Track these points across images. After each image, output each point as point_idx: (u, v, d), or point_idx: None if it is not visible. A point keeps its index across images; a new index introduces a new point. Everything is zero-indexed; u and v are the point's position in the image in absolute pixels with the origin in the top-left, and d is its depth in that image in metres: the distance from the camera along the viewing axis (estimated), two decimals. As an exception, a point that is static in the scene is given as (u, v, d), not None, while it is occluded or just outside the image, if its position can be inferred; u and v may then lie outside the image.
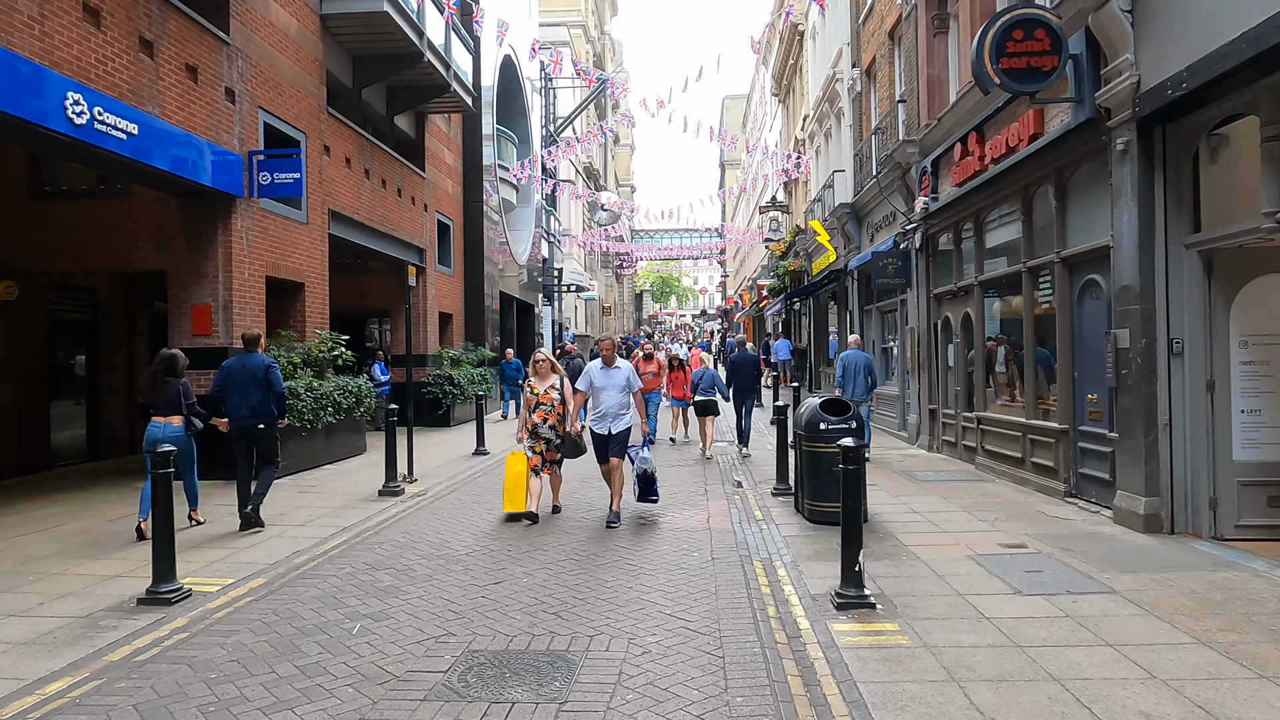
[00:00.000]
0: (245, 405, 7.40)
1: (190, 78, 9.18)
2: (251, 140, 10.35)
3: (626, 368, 7.56)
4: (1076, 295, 7.75)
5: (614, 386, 7.44)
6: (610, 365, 7.50)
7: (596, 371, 7.50)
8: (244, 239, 10.15)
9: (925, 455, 11.50)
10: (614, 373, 7.49)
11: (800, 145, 24.62)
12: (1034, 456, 8.52)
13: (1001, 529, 6.77)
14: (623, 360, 7.64)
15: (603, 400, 7.43)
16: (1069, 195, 7.87)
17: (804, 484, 7.35)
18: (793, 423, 8.05)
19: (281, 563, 6.12)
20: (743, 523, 7.35)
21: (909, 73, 12.90)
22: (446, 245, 18.67)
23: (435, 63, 14.51)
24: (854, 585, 4.82)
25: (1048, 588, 5.07)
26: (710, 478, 10.07)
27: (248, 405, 7.39)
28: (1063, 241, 7.93)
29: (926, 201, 11.45)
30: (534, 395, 7.61)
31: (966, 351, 10.77)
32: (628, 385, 7.50)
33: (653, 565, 5.94)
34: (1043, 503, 7.81)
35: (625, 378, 7.50)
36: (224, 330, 9.92)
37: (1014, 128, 8.47)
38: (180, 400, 7.02)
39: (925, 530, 6.79)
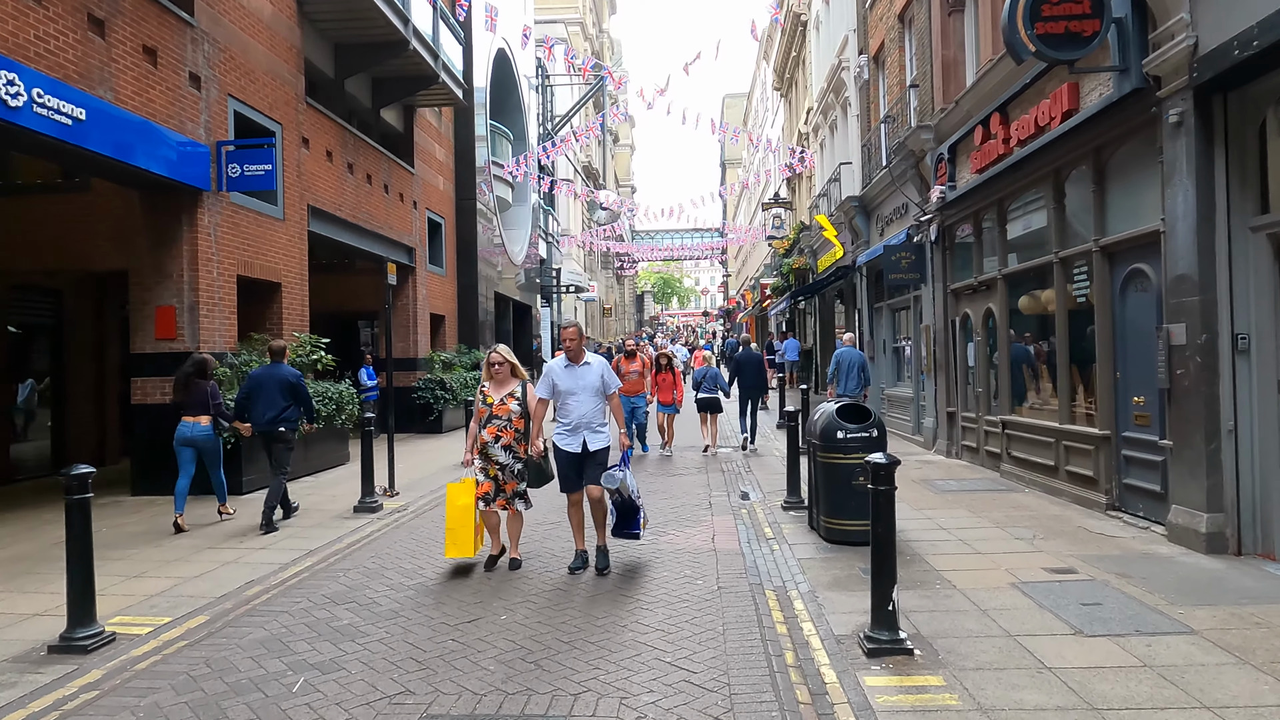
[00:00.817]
0: (269, 412, 7.73)
1: (149, 60, 8.48)
2: (220, 130, 9.64)
3: (599, 365, 5.90)
4: (1118, 287, 7.02)
5: (584, 389, 5.80)
6: (577, 362, 5.85)
7: (559, 371, 5.85)
8: (212, 236, 9.45)
9: (944, 462, 10.76)
10: (582, 371, 5.83)
11: (804, 139, 23.90)
12: (1069, 465, 7.78)
13: (1043, 549, 6.03)
14: (594, 356, 5.99)
15: (571, 408, 5.79)
16: (1109, 177, 7.14)
17: (819, 498, 6.62)
18: (805, 429, 7.32)
19: (230, 595, 5.40)
20: (752, 542, 6.62)
21: (921, 56, 12.18)
22: (438, 244, 17.97)
23: (422, 51, 13.81)
24: (887, 627, 4.09)
25: (1113, 626, 4.33)
26: (715, 487, 9.34)
27: (272, 412, 7.73)
28: (1101, 229, 7.20)
29: (943, 190, 10.72)
30: (487, 405, 5.93)
31: (989, 350, 10.03)
32: (602, 387, 5.87)
33: (651, 597, 5.21)
34: (1082, 516, 7.07)
35: (598, 377, 5.84)
36: (190, 334, 9.21)
37: (1044, 105, 7.74)
38: (209, 401, 7.60)
39: (957, 551, 6.05)
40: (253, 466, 9.28)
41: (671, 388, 12.36)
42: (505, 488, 5.95)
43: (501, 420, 5.92)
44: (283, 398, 7.72)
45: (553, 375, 5.86)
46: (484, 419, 5.93)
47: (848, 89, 17.35)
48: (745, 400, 12.85)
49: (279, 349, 8.06)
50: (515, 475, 5.94)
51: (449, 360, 17.10)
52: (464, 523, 5.76)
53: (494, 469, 5.91)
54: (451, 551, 5.77)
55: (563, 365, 5.88)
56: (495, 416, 5.92)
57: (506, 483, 5.95)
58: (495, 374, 6.01)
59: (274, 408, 7.69)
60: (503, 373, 6.03)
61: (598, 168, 46.48)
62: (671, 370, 12.49)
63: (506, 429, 5.91)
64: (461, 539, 5.76)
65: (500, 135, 22.50)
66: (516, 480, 5.95)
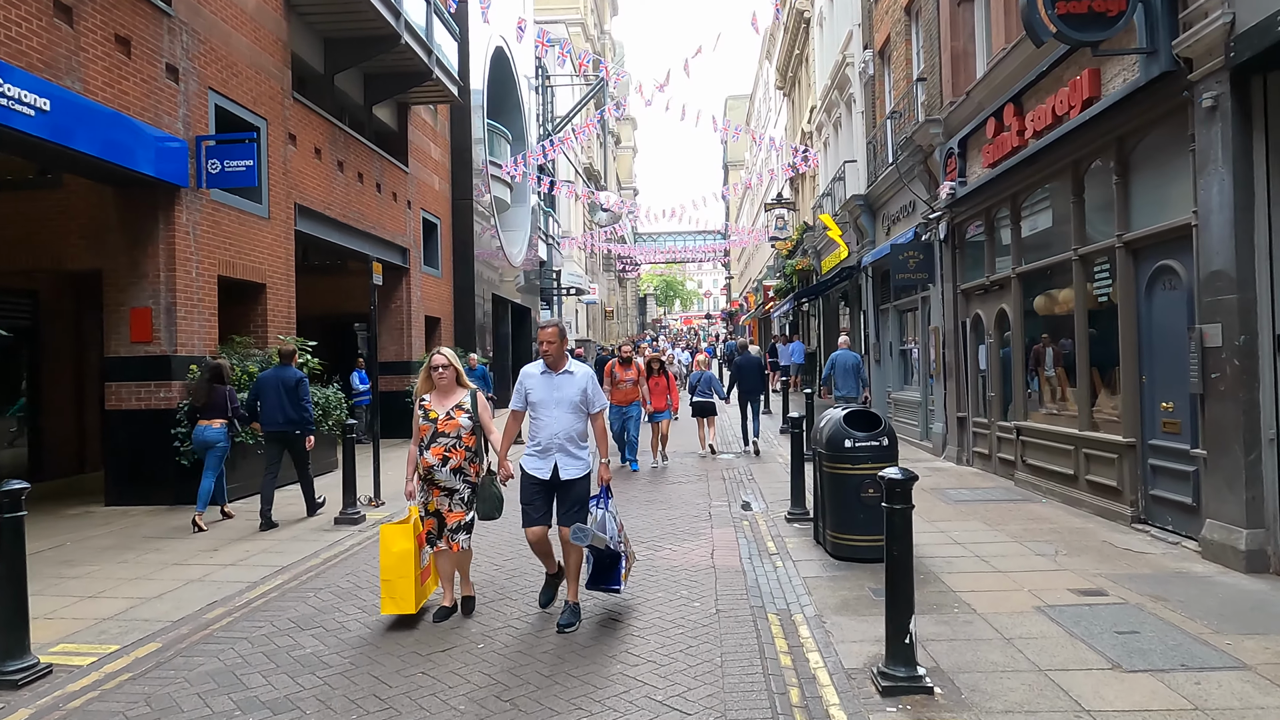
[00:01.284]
0: (280, 413, 7.91)
1: (121, 50, 8.09)
2: (200, 125, 9.25)
3: (583, 375, 4.84)
4: (1144, 285, 6.59)
5: (561, 403, 4.73)
6: (556, 369, 4.82)
7: (534, 378, 4.84)
8: (190, 234, 9.05)
9: (955, 469, 10.32)
10: (562, 381, 4.79)
11: (807, 138, 23.49)
12: (1090, 474, 7.34)
13: (1067, 566, 5.60)
14: (578, 364, 4.93)
15: (543, 424, 4.74)
16: (1133, 168, 6.71)
17: (825, 511, 6.20)
18: (811, 436, 6.89)
19: (189, 619, 4.98)
20: (754, 558, 6.20)
21: (928, 48, 11.77)
22: (434, 245, 17.58)
23: (414, 46, 13.42)
24: (903, 662, 3.66)
25: (1155, 660, 3.90)
26: (715, 496, 8.92)
27: (282, 414, 7.90)
28: (1125, 223, 6.77)
29: (953, 187, 10.29)
30: (430, 421, 4.86)
31: (1001, 353, 9.60)
32: (583, 402, 4.79)
33: (643, 622, 4.79)
34: (1106, 529, 6.64)
35: (580, 390, 4.78)
36: (167, 337, 8.82)
37: (1062, 94, 7.32)
38: (226, 405, 7.86)
39: (975, 569, 5.62)
40: (232, 474, 8.86)
41: (665, 393, 11.45)
42: (449, 518, 4.87)
43: (449, 439, 4.83)
44: (290, 398, 7.94)
45: (525, 383, 4.85)
46: (426, 438, 4.82)
47: (852, 85, 16.94)
48: (744, 404, 12.79)
49: (288, 352, 8.30)
50: (466, 503, 4.91)
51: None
52: (403, 572, 4.74)
53: (435, 501, 4.86)
54: (388, 607, 4.78)
55: (539, 371, 4.84)
56: (441, 434, 4.82)
57: (451, 512, 4.88)
58: (439, 381, 4.91)
59: (283, 409, 7.88)
60: (448, 379, 4.92)
61: (599, 169, 46.12)
62: (665, 375, 11.61)
63: (456, 448, 4.84)
64: (401, 591, 4.75)
65: (498, 135, 22.13)
66: (464, 509, 4.91)
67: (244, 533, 7.46)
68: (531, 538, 4.80)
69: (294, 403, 7.89)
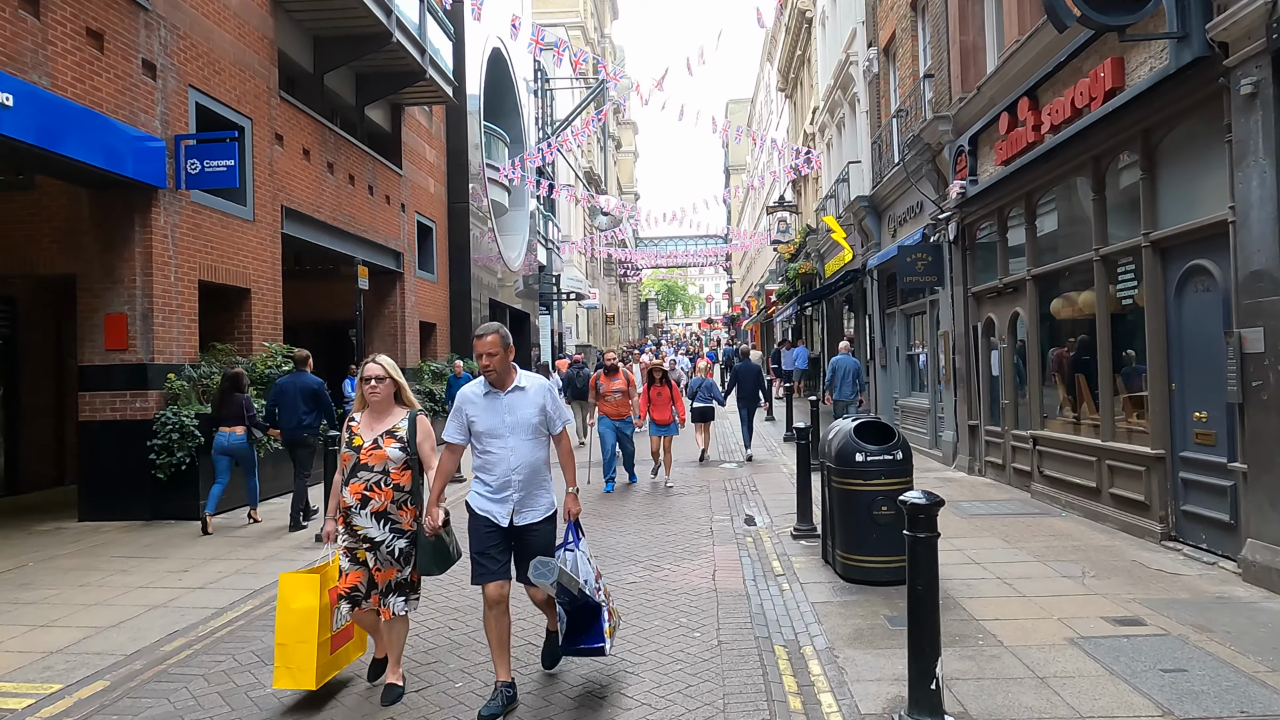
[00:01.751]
0: (294, 419, 8.00)
1: (94, 45, 7.73)
2: (180, 124, 8.89)
3: (537, 389, 3.85)
4: (1174, 287, 6.18)
5: (516, 429, 3.76)
6: (502, 387, 3.78)
7: (477, 403, 3.80)
8: (169, 237, 8.68)
9: (966, 480, 9.90)
10: (513, 401, 3.78)
11: (809, 140, 23.12)
12: (1114, 487, 6.93)
13: (1097, 590, 5.19)
14: (531, 377, 3.92)
15: (495, 458, 3.75)
16: (1161, 162, 6.31)
17: (835, 529, 5.79)
18: (819, 448, 6.49)
19: (144, 652, 4.58)
20: (758, 579, 5.79)
21: (936, 44, 11.38)
22: (429, 249, 17.22)
23: (407, 45, 13.08)
24: (929, 711, 3.25)
25: (1210, 705, 3.49)
26: (717, 510, 8.52)
27: (296, 419, 8.00)
28: (1152, 221, 6.36)
29: (963, 186, 9.90)
30: (353, 450, 3.85)
31: (1015, 359, 9.20)
32: (542, 424, 3.83)
33: (637, 655, 4.38)
34: (1134, 547, 6.22)
35: (537, 408, 3.81)
36: (143, 344, 8.44)
37: (1082, 85, 6.93)
38: (244, 412, 7.94)
39: (997, 594, 5.21)
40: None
41: (669, 404, 10.32)
42: (379, 577, 3.83)
43: (373, 473, 3.79)
44: (305, 404, 8.07)
45: (465, 410, 3.80)
46: (348, 469, 3.83)
47: (856, 84, 16.57)
48: (743, 409, 12.86)
49: (302, 358, 8.50)
50: (396, 558, 3.82)
51: (440, 370, 16.32)
52: (303, 636, 3.70)
53: (364, 550, 3.82)
54: (282, 679, 3.72)
55: (482, 393, 3.79)
56: (364, 467, 3.79)
57: (382, 569, 3.82)
58: (370, 397, 3.87)
59: (297, 415, 8.02)
60: (381, 395, 3.87)
61: (600, 174, 45.79)
62: (668, 385, 10.51)
63: (380, 486, 3.79)
64: (299, 659, 3.68)
65: (496, 137, 21.79)
66: (397, 565, 3.83)
67: (226, 548, 7.06)
68: (491, 597, 3.68)
69: (313, 408, 8.10)
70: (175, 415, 8.28)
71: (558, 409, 3.94)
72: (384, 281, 15.12)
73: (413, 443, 3.88)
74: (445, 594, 5.56)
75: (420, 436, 3.91)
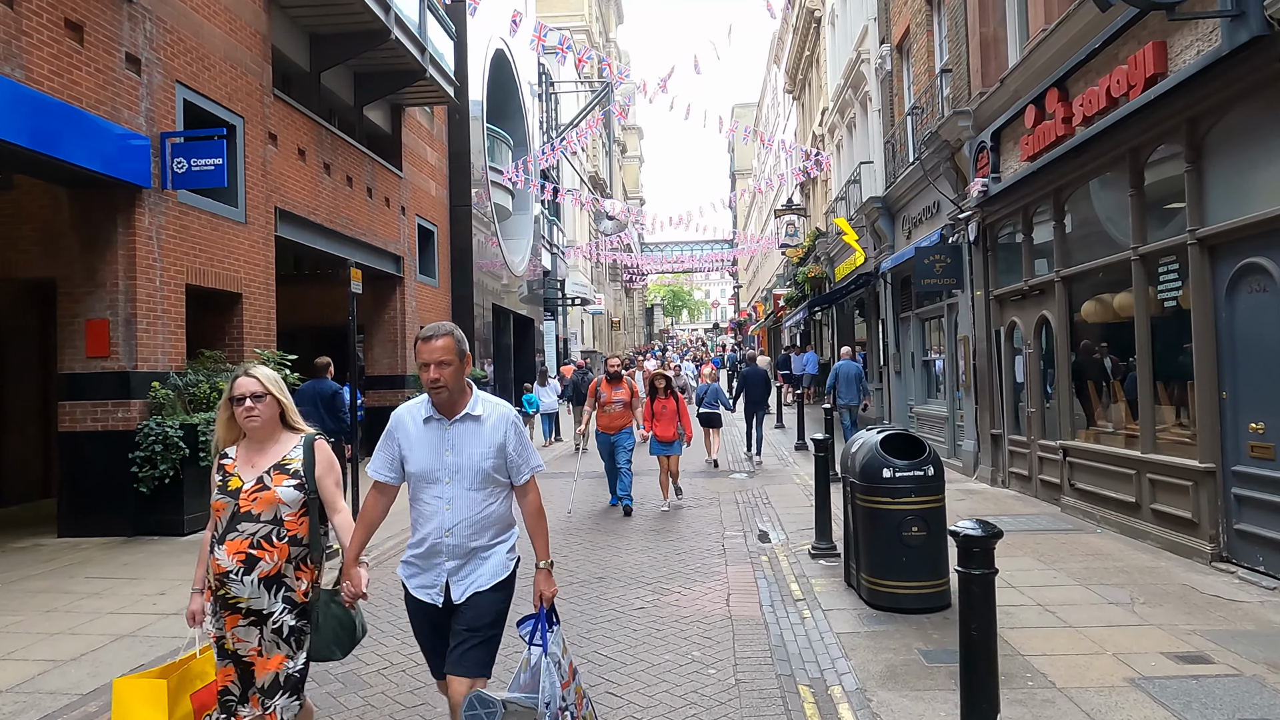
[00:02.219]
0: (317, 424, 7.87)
1: (73, 36, 7.36)
2: (166, 121, 8.51)
3: (497, 420, 2.87)
4: (1224, 287, 5.72)
5: (460, 474, 2.83)
6: (451, 414, 2.83)
7: (412, 431, 2.87)
8: (154, 239, 8.29)
9: (989, 491, 9.44)
10: (461, 435, 2.83)
11: (819, 142, 22.70)
12: (1157, 503, 6.46)
13: (1151, 619, 4.72)
14: (492, 401, 2.92)
15: (428, 509, 2.85)
16: (1209, 153, 5.86)
17: (859, 550, 5.34)
18: (842, 462, 6.04)
19: (103, 690, 4.14)
20: (776, 605, 5.35)
21: (954, 37, 10.96)
22: (430, 253, 16.83)
23: (406, 42, 12.70)
24: (987, 776, 2.80)
25: (1308, 766, 3.03)
26: (729, 525, 8.07)
27: (320, 425, 8.03)
28: (1199, 217, 5.91)
29: (985, 184, 9.45)
30: (228, 496, 2.82)
31: (1042, 364, 8.74)
32: (500, 468, 2.87)
33: (648, 696, 3.94)
34: (1181, 569, 5.75)
35: (493, 448, 2.84)
36: (126, 351, 8.04)
37: (1119, 73, 6.49)
38: None
39: (1041, 623, 4.75)
40: (197, 503, 8.06)
41: (673, 419, 8.98)
42: (257, 669, 2.77)
43: (260, 523, 2.76)
44: (327, 411, 8.32)
45: (398, 436, 2.87)
46: (222, 523, 2.78)
47: (868, 83, 16.15)
48: (750, 414, 12.98)
49: (323, 364, 8.76)
50: (285, 639, 2.77)
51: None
52: None
53: (233, 635, 2.77)
54: None
55: (419, 416, 2.84)
56: (247, 516, 2.76)
57: (266, 655, 2.77)
58: (248, 420, 2.83)
59: (320, 420, 8.13)
60: (262, 419, 2.84)
61: (605, 178, 45.45)
62: (673, 396, 9.16)
63: (271, 541, 2.76)
64: None
65: (499, 140, 21.42)
66: (286, 649, 2.78)
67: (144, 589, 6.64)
68: (450, 699, 2.76)
69: (331, 413, 8.25)
70: (159, 426, 7.88)
71: (524, 450, 2.88)
72: (384, 286, 14.75)
73: (311, 477, 2.84)
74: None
75: (321, 469, 2.87)
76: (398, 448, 2.88)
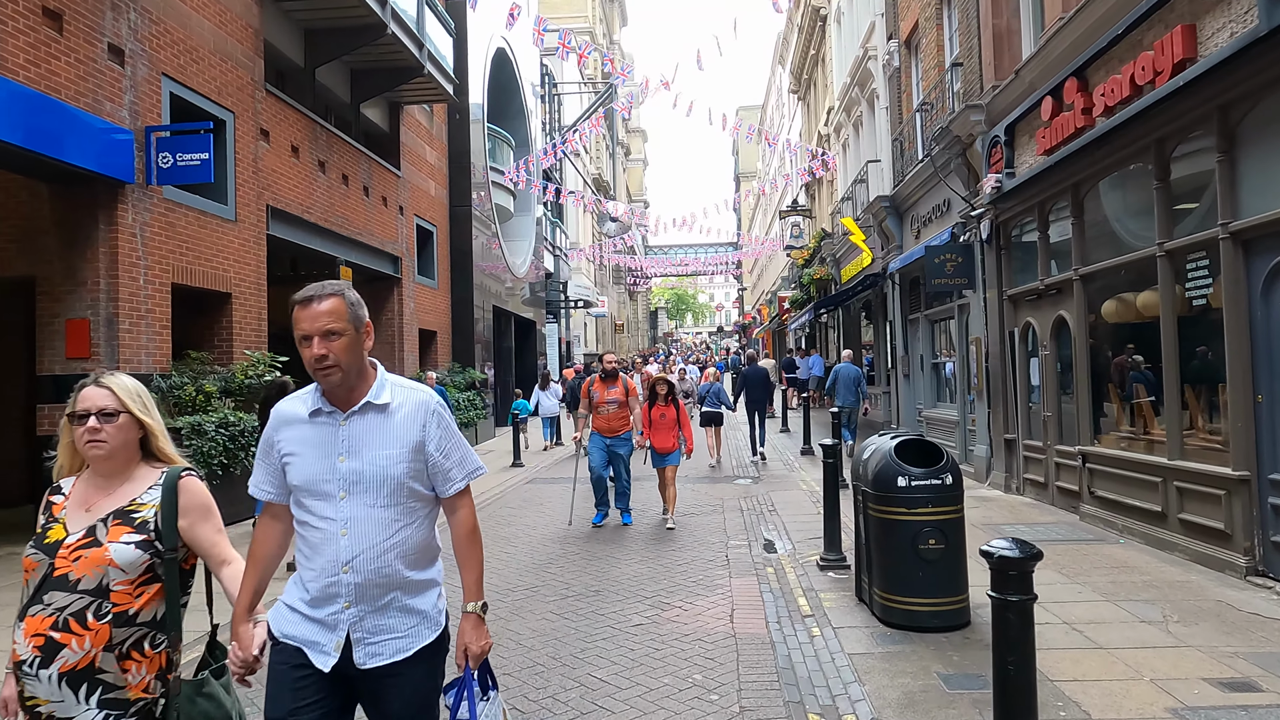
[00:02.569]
0: None
1: (51, 25, 7.08)
2: (151, 114, 8.23)
3: (413, 409, 2.11)
4: (1259, 285, 5.39)
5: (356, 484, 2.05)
6: (346, 404, 2.09)
7: (296, 429, 2.11)
8: (138, 237, 8.01)
9: (1004, 499, 9.09)
10: (360, 431, 2.08)
11: (824, 142, 22.39)
12: (1185, 512, 6.11)
13: (1188, 640, 4.39)
14: (406, 386, 2.17)
15: (319, 535, 2.05)
16: (1243, 142, 5.53)
17: (872, 563, 5.01)
18: (850, 470, 5.72)
19: None
20: (783, 621, 5.02)
21: (965, 30, 10.64)
22: (429, 254, 16.55)
23: (403, 38, 12.43)
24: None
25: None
26: (733, 533, 7.75)
27: None
28: (1232, 210, 5.58)
29: (999, 179, 9.13)
30: (43, 551, 2.02)
31: (1059, 367, 8.40)
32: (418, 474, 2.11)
33: (644, 726, 3.62)
34: (1214, 583, 5.41)
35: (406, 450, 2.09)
36: (107, 352, 7.75)
37: (1144, 59, 6.17)
38: None
39: (1070, 643, 4.41)
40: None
41: (672, 428, 8.18)
42: None
43: (75, 596, 1.98)
44: None
45: (278, 439, 2.13)
46: (30, 588, 2.01)
47: (875, 80, 15.84)
48: (751, 413, 13.28)
49: None
50: None
51: (440, 380, 15.61)
52: None
53: None
54: None
55: (305, 410, 2.11)
56: (57, 583, 1.99)
57: None
58: (92, 448, 2.08)
59: None
60: (110, 445, 2.09)
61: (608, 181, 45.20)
62: (674, 403, 8.33)
63: (85, 621, 1.97)
64: None
65: (500, 140, 21.15)
66: None
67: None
68: None
69: None
70: (141, 430, 7.59)
71: (452, 450, 2.13)
72: (381, 287, 14.47)
73: (171, 530, 2.07)
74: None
75: (190, 517, 2.11)
76: (279, 456, 2.10)
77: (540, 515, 8.99)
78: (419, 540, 2.12)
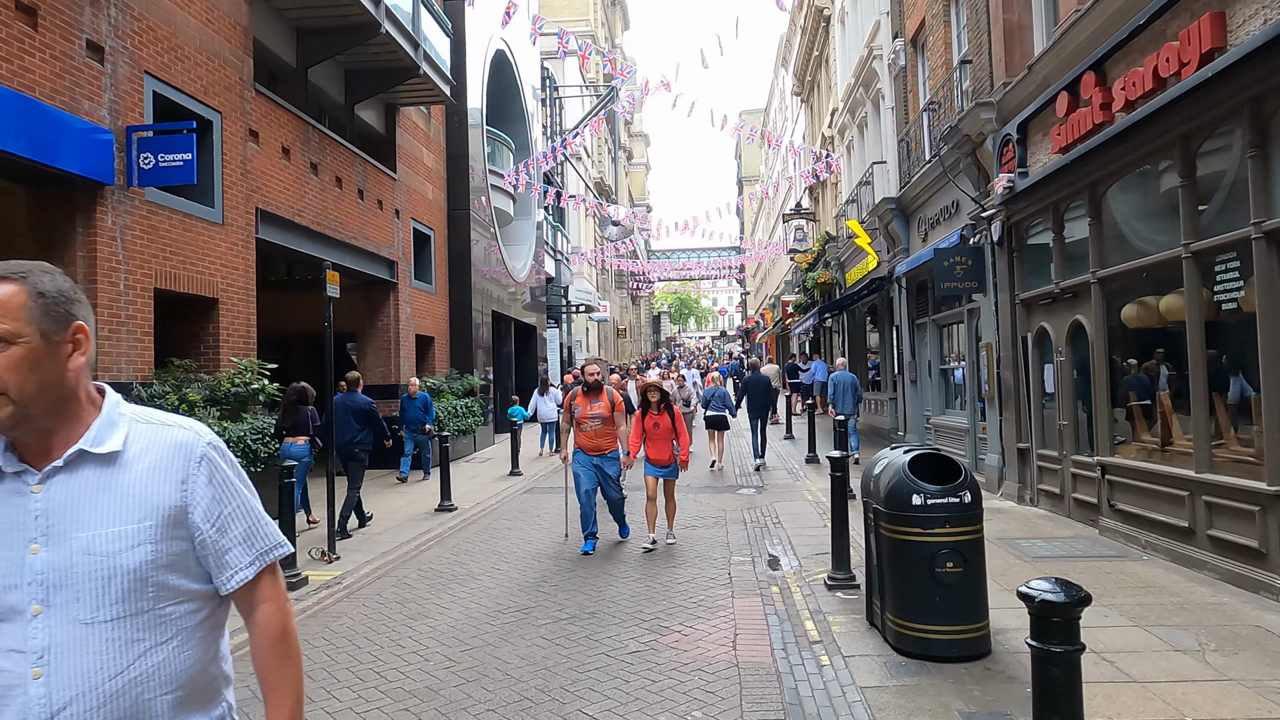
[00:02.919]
0: (347, 435, 8.75)
1: (25, 20, 6.80)
2: (134, 114, 7.95)
3: (163, 451, 1.37)
4: (1297, 287, 5.06)
5: (59, 585, 1.29)
6: (41, 457, 1.34)
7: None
8: (118, 240, 7.72)
9: (1017, 510, 8.75)
10: (65, 496, 1.31)
11: (828, 144, 22.08)
12: (1215, 529, 5.78)
13: (1227, 672, 4.05)
14: (152, 423, 1.40)
15: None
16: (1276, 137, 5.21)
17: (884, 587, 4.68)
18: (860, 486, 5.40)
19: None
20: (790, 649, 4.69)
21: (974, 27, 10.33)
22: (426, 258, 16.25)
23: (397, 37, 12.15)
24: None
25: None
26: (735, 548, 7.43)
27: (349, 435, 8.76)
28: (1265, 208, 5.26)
29: (1011, 179, 8.81)
30: None
31: (1076, 373, 8.07)
32: (172, 565, 1.35)
33: (638, 774, 3.29)
34: (1249, 605, 5.07)
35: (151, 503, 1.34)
36: (85, 360, 7.44)
37: (1168, 50, 5.85)
38: (309, 424, 8.62)
39: (1100, 677, 4.07)
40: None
41: (668, 438, 7.45)
42: None
43: None
44: (356, 422, 8.84)
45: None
46: None
47: (880, 80, 15.53)
48: (754, 419, 13.34)
49: (354, 379, 9.36)
50: None
51: (437, 386, 15.32)
52: None
53: None
54: None
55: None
56: None
57: None
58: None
59: (349, 431, 8.73)
60: None
61: (610, 185, 44.95)
62: (669, 411, 7.56)
63: None
64: None
65: (500, 143, 20.88)
66: None
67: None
68: None
69: (368, 426, 8.89)
70: (119, 441, 7.29)
71: (234, 516, 1.42)
72: (376, 292, 14.18)
73: None
74: (402, 669, 4.47)
75: None
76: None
77: (536, 528, 8.66)
78: (185, 668, 1.35)
